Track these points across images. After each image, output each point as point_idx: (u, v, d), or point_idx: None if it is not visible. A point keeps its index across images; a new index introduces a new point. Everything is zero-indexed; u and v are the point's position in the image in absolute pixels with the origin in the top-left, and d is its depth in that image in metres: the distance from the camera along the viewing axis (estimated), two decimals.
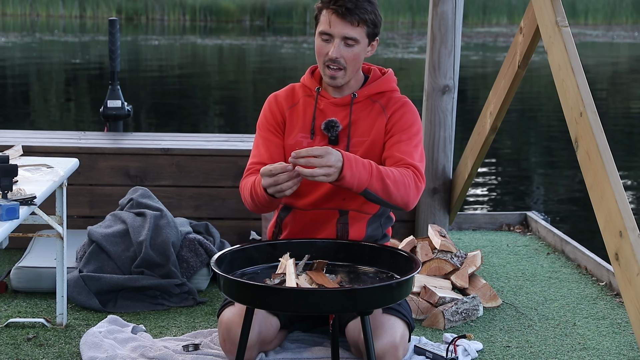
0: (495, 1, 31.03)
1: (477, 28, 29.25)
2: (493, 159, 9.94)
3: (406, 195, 2.93)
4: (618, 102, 15.23)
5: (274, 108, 3.20)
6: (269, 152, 3.14)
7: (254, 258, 2.84)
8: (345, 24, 2.99)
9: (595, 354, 3.47)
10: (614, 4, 32.24)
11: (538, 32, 4.06)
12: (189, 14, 29.89)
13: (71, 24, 28.03)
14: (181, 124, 11.83)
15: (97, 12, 29.41)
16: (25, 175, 3.20)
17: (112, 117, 5.46)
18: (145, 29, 26.92)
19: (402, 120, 3.09)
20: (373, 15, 3.02)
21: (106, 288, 3.87)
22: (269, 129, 3.18)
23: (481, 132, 4.79)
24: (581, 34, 27.85)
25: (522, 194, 8.69)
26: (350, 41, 3.01)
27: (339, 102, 3.13)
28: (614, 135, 11.56)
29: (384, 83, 3.16)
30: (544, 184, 9.33)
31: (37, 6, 30.16)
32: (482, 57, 20.67)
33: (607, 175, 3.23)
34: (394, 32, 27.91)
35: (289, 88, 3.24)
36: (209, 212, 4.82)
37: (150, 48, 21.46)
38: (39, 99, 14.24)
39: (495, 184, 9.01)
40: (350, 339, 3.09)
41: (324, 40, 3.03)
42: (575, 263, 4.68)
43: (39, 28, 26.42)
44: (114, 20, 5.59)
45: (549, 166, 10.19)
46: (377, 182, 2.87)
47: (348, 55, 3.02)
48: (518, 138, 11.73)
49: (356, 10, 2.98)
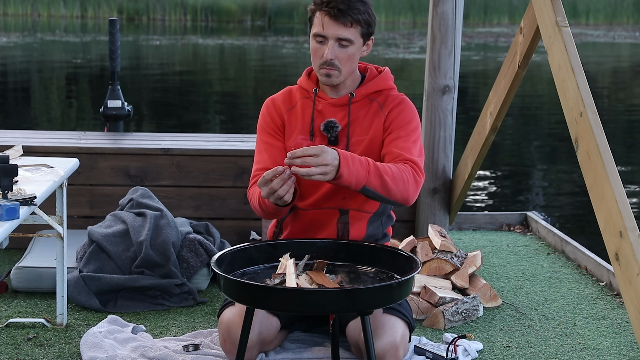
0: (496, 1, 31.04)
1: (479, 28, 29.25)
2: (493, 159, 9.94)
3: (405, 190, 2.93)
4: (620, 101, 15.24)
5: (272, 111, 3.20)
6: (272, 157, 3.14)
7: (254, 258, 2.84)
8: (338, 25, 2.99)
9: (595, 354, 3.47)
10: (615, 4, 32.24)
11: (538, 32, 4.05)
12: (190, 14, 29.89)
13: (72, 24, 28.03)
14: (182, 124, 11.84)
15: (98, 12, 29.41)
16: (25, 175, 3.20)
17: (112, 117, 5.46)
18: (146, 29, 26.93)
19: (400, 117, 3.10)
20: (366, 15, 3.02)
21: (106, 288, 3.87)
22: (269, 132, 3.18)
23: (481, 132, 4.79)
24: (582, 34, 27.85)
25: (522, 194, 8.69)
26: (345, 42, 3.01)
27: (336, 102, 3.13)
28: (616, 133, 11.57)
29: (381, 81, 3.16)
30: (544, 183, 9.33)
31: (39, 6, 30.16)
32: (483, 57, 20.68)
33: (607, 175, 3.22)
34: (395, 32, 27.91)
35: (286, 91, 3.24)
36: (209, 212, 4.82)
37: (152, 48, 21.47)
38: (40, 99, 14.25)
39: (496, 184, 9.01)
40: (350, 339, 3.09)
41: (319, 42, 3.03)
42: (576, 263, 4.68)
43: (40, 28, 26.43)
44: (114, 20, 5.59)
45: (550, 166, 10.19)
46: (375, 179, 2.87)
47: (343, 56, 3.03)
48: (518, 138, 11.73)
49: (349, 11, 2.98)
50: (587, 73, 3.56)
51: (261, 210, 3.07)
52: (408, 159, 3.00)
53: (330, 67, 3.03)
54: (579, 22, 31.37)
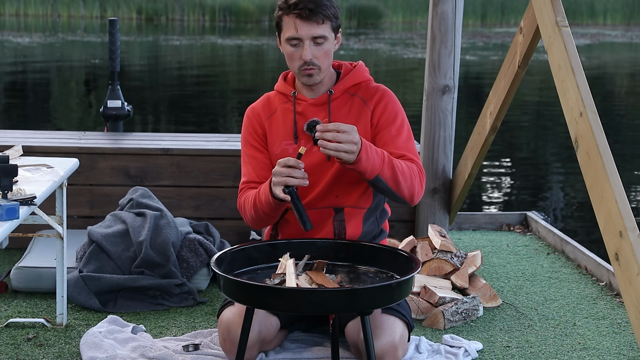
0: (513, 1, 31.10)
1: (496, 28, 29.31)
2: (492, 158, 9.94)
3: (412, 187, 2.99)
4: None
5: (253, 121, 3.22)
6: (256, 171, 3.16)
7: (254, 258, 2.84)
8: (311, 24, 3.01)
9: (595, 354, 3.47)
10: (633, 4, 32.27)
11: (538, 32, 4.06)
12: (209, 14, 29.94)
13: (92, 24, 28.08)
14: (200, 122, 11.87)
15: (117, 12, 29.45)
16: (25, 175, 3.20)
17: (112, 117, 5.47)
18: (165, 29, 27.01)
19: (386, 112, 3.12)
20: (333, 9, 3.06)
21: (106, 288, 3.87)
22: (252, 144, 3.20)
23: (481, 132, 4.79)
24: (600, 34, 27.87)
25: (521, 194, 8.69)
26: (320, 39, 3.03)
27: (316, 102, 3.14)
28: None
29: (357, 75, 3.19)
30: (544, 183, 9.33)
31: (59, 7, 30.21)
32: (501, 57, 20.66)
33: (607, 175, 3.23)
34: (413, 32, 27.97)
35: (264, 98, 3.26)
36: (209, 212, 4.82)
37: (171, 48, 21.55)
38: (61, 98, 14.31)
39: (495, 184, 9.01)
40: (349, 340, 3.10)
41: (293, 45, 3.05)
42: (575, 263, 4.68)
43: (61, 28, 26.47)
44: (114, 20, 5.59)
45: (550, 165, 10.19)
46: (388, 170, 2.92)
47: (320, 54, 3.05)
48: (518, 137, 11.73)
49: (318, 9, 3.01)
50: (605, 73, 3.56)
51: (254, 213, 3.07)
52: (413, 159, 3.05)
53: (311, 67, 3.05)
54: (596, 22, 31.44)
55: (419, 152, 4.83)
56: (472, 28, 29.37)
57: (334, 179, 3.10)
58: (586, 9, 31.85)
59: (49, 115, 12.51)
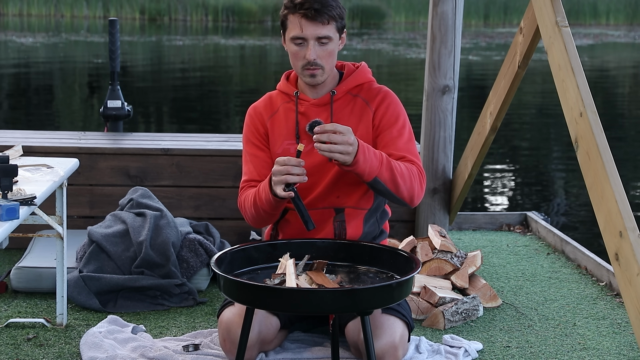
0: (516, 2, 31.11)
1: (499, 28, 29.30)
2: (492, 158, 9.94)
3: (412, 189, 2.98)
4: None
5: (255, 120, 3.21)
6: (257, 169, 3.16)
7: (254, 258, 2.85)
8: (316, 24, 3.01)
9: (595, 354, 3.47)
10: (636, 5, 32.29)
11: (538, 32, 4.06)
12: (212, 14, 29.96)
13: (95, 24, 28.10)
14: (203, 122, 11.87)
15: (120, 12, 29.48)
16: (25, 175, 3.20)
17: (112, 117, 5.47)
18: (168, 30, 27.03)
19: (388, 113, 3.12)
20: (339, 9, 3.05)
21: (106, 288, 3.87)
22: (254, 143, 3.19)
23: (481, 132, 4.79)
24: (603, 34, 27.85)
25: (522, 194, 8.69)
26: (324, 40, 3.03)
27: (319, 102, 3.14)
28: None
29: (360, 75, 3.18)
30: (545, 183, 9.33)
31: (62, 7, 30.22)
32: (503, 57, 20.70)
33: (607, 175, 3.22)
34: (416, 32, 27.97)
35: (266, 97, 3.26)
36: (209, 212, 4.82)
37: (174, 48, 21.56)
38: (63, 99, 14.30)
39: (495, 184, 9.01)
40: (349, 340, 3.10)
41: (298, 44, 3.05)
42: (575, 263, 4.68)
43: (64, 28, 26.48)
44: (114, 20, 5.59)
45: (550, 165, 10.19)
46: (386, 172, 2.91)
47: (324, 54, 3.05)
48: (518, 137, 11.73)
49: (324, 9, 3.01)
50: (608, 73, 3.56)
51: (254, 211, 3.07)
52: (413, 161, 3.05)
53: (314, 67, 3.05)
54: (599, 23, 31.42)
55: (419, 152, 4.83)
56: (474, 28, 29.39)
57: (335, 180, 3.10)
58: (589, 9, 31.87)
59: (52, 116, 12.53)
